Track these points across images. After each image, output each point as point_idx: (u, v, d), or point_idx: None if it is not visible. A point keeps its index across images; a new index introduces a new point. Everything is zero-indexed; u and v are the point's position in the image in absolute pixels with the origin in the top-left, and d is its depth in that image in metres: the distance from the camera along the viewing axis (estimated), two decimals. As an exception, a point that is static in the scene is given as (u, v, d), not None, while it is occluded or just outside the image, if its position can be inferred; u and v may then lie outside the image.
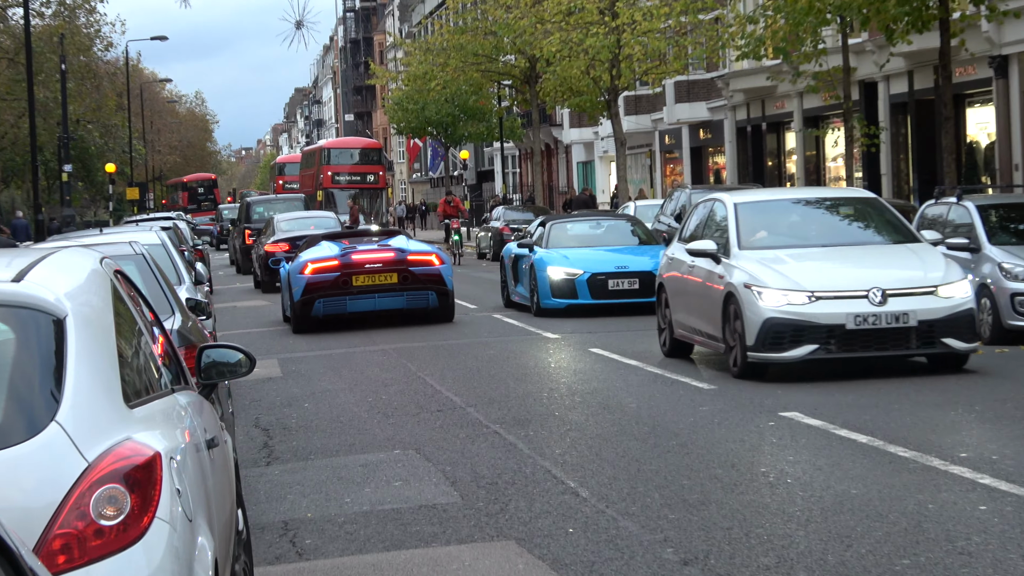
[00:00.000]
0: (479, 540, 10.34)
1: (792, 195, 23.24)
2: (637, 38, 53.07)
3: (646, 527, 10.32)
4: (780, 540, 9.77)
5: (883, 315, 16.63)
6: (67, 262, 6.57)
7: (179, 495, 5.78)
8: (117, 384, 5.90)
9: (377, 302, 30.07)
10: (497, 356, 22.49)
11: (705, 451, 13.46)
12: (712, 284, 18.72)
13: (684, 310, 20.12)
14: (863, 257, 18.74)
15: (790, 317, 16.86)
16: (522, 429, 15.04)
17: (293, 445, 14.97)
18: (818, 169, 52.45)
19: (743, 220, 19.14)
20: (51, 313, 5.90)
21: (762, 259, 18.17)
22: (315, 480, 12.85)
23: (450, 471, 12.94)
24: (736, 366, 17.66)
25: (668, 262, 21.37)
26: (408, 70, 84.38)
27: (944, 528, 9.78)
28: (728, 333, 17.93)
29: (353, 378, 20.64)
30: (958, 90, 36.78)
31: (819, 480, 11.79)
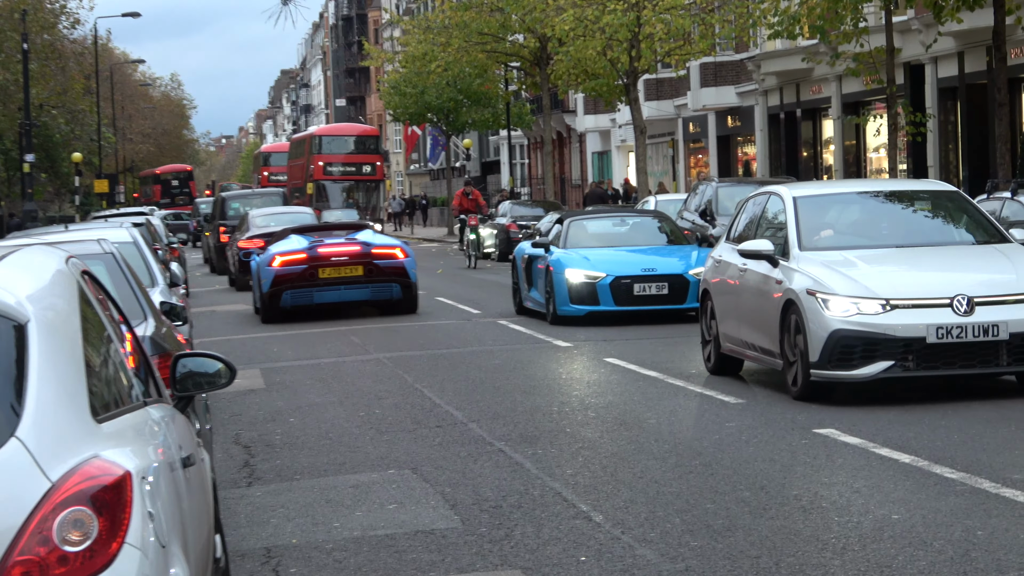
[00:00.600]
0: (481, 569, 10.30)
1: (859, 188, 20.98)
2: (659, 15, 53.13)
3: (666, 555, 10.34)
4: (814, 570, 9.79)
5: (970, 326, 15.15)
6: (29, 262, 6.59)
7: (151, 519, 5.79)
8: (84, 396, 5.92)
9: (343, 293, 34.51)
10: (503, 366, 22.47)
11: (731, 472, 13.44)
12: (768, 291, 17.64)
13: (734, 320, 18.99)
14: (945, 259, 17.43)
15: (861, 329, 15.60)
16: (530, 447, 14.99)
17: (277, 464, 14.94)
18: (858, 161, 52.50)
19: (804, 217, 17.92)
20: (11, 318, 5.92)
21: (827, 262, 16.91)
22: (301, 503, 12.82)
23: (450, 493, 12.90)
24: (796, 386, 16.52)
25: (714, 266, 20.28)
26: (406, 50, 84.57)
27: (995, 557, 9.77)
28: (787, 347, 16.77)
29: (343, 390, 20.63)
30: (1014, 73, 36.88)
31: (857, 504, 11.78)
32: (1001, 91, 32.04)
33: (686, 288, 26.49)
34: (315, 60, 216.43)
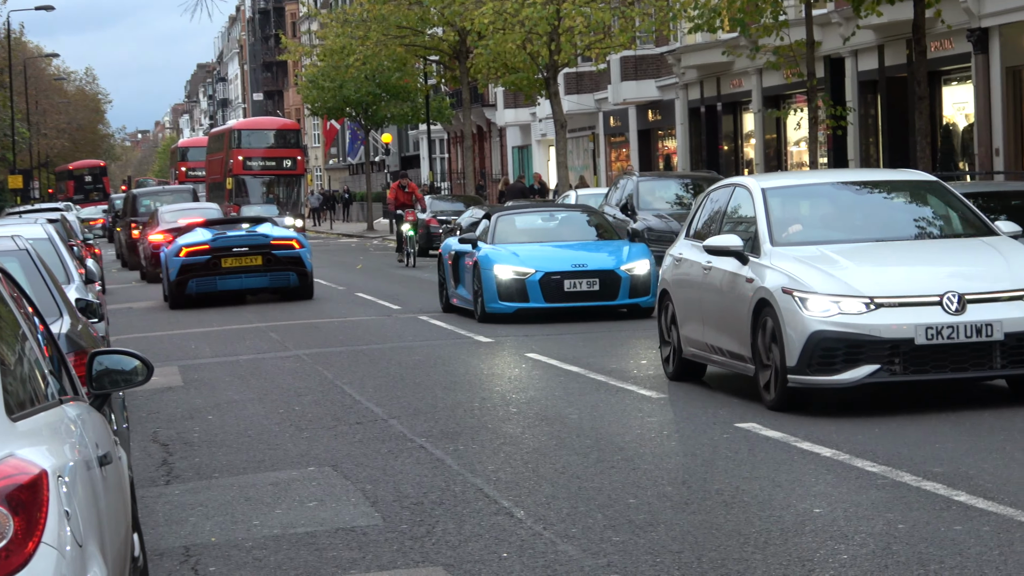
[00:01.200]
0: (403, 567, 10.27)
1: (832, 178, 19.14)
2: (579, 8, 53.21)
3: (588, 551, 10.34)
4: (736, 564, 9.81)
5: (961, 326, 13.73)
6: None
7: (68, 518, 5.77)
8: (-3, 395, 5.89)
9: (244, 281, 38.32)
10: (423, 362, 22.40)
11: (653, 466, 13.47)
12: (737, 290, 16.11)
13: (698, 323, 17.52)
14: (931, 254, 15.82)
15: (844, 330, 14.05)
16: (451, 443, 14.96)
17: (195, 462, 14.85)
18: (779, 154, 52.78)
19: (775, 210, 16.36)
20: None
21: (803, 257, 15.38)
22: (220, 501, 12.75)
23: (371, 490, 12.87)
24: (770, 393, 15.07)
25: (674, 264, 18.79)
26: (324, 44, 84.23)
27: (916, 550, 9.82)
28: (760, 351, 15.27)
29: (262, 387, 20.56)
30: (933, 66, 37.11)
31: (779, 498, 11.83)
32: (921, 84, 32.25)
33: (618, 284, 26.20)
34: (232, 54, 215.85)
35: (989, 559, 9.50)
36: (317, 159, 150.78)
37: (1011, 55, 37.79)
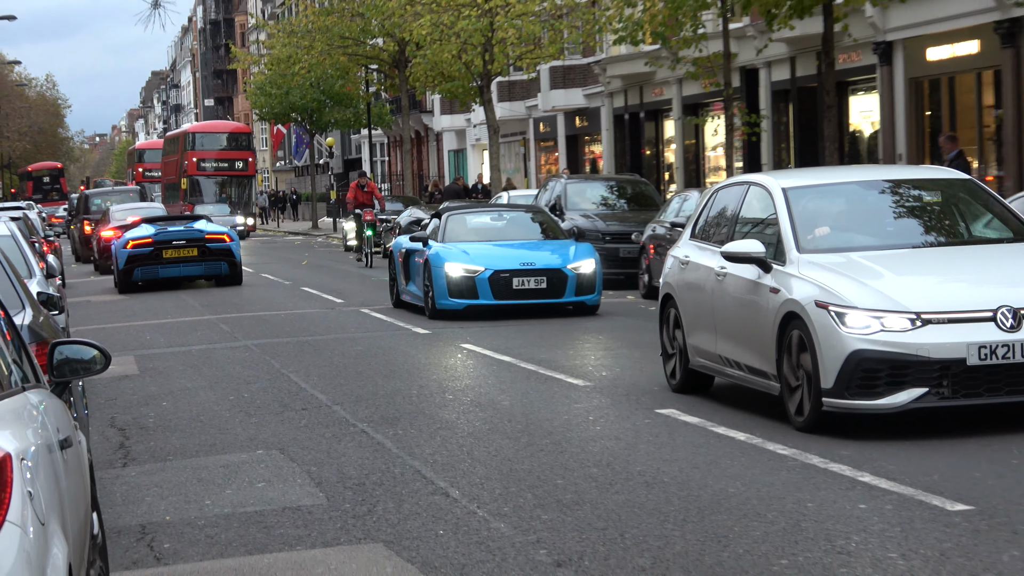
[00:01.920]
0: (346, 543, 10.31)
1: (858, 176, 16.15)
2: (511, 21, 53.18)
3: (519, 528, 10.35)
4: (656, 540, 9.83)
5: (1018, 345, 11.66)
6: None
7: (31, 498, 5.76)
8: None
9: (182, 269, 41.63)
10: (364, 352, 22.37)
11: (579, 450, 13.52)
12: (759, 300, 13.85)
13: (708, 332, 15.19)
14: (978, 263, 13.42)
15: (888, 349, 11.93)
16: (390, 428, 14.98)
17: (151, 445, 14.81)
18: (697, 158, 52.84)
19: (798, 212, 13.94)
20: None
21: (835, 265, 13.11)
22: (174, 482, 12.74)
23: (316, 472, 12.88)
24: (802, 416, 12.99)
25: (679, 267, 16.36)
26: (271, 53, 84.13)
27: (823, 527, 9.88)
28: (788, 368, 13.13)
29: (214, 375, 20.46)
30: (841, 77, 37.22)
31: (696, 479, 11.86)
32: (829, 94, 32.35)
33: (564, 282, 25.65)
34: (184, 62, 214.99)
35: (891, 535, 9.56)
36: (265, 161, 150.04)
37: (913, 67, 37.98)
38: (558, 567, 9.28)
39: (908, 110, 38.28)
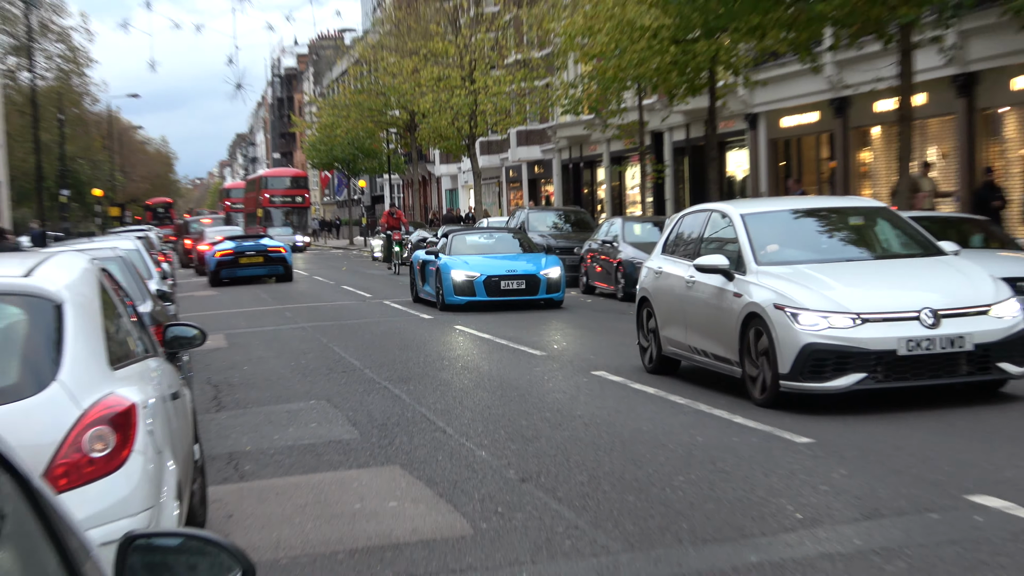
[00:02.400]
0: (373, 465, 10.40)
1: (796, 205, 15.21)
2: (490, 98, 53.21)
3: (495, 455, 10.38)
4: (591, 463, 9.87)
5: (937, 339, 11.05)
6: (65, 262, 6.53)
7: (151, 434, 5.79)
8: (103, 352, 5.90)
9: (252, 270, 43.13)
10: (386, 332, 22.24)
11: (537, 400, 13.50)
12: (724, 303, 12.89)
13: (679, 327, 14.11)
14: (899, 273, 12.56)
15: (834, 343, 11.17)
16: (405, 385, 15.00)
17: (235, 397, 14.82)
18: (620, 195, 52.71)
19: (754, 233, 13.06)
20: (52, 300, 5.87)
21: (788, 276, 12.30)
22: (252, 423, 12.80)
23: (352, 415, 12.93)
24: (763, 394, 12.04)
25: (654, 276, 15.14)
26: (320, 121, 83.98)
27: (708, 454, 9.95)
28: (748, 357, 12.29)
29: (279, 348, 20.41)
30: (721, 138, 37.19)
31: (619, 420, 11.88)
32: (712, 150, 32.39)
33: (538, 284, 25.31)
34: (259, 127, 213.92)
35: (756, 459, 9.64)
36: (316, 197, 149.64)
37: (772, 131, 38.04)
38: (522, 482, 9.31)
39: (768, 162, 38.35)
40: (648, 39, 29.68)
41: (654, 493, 8.79)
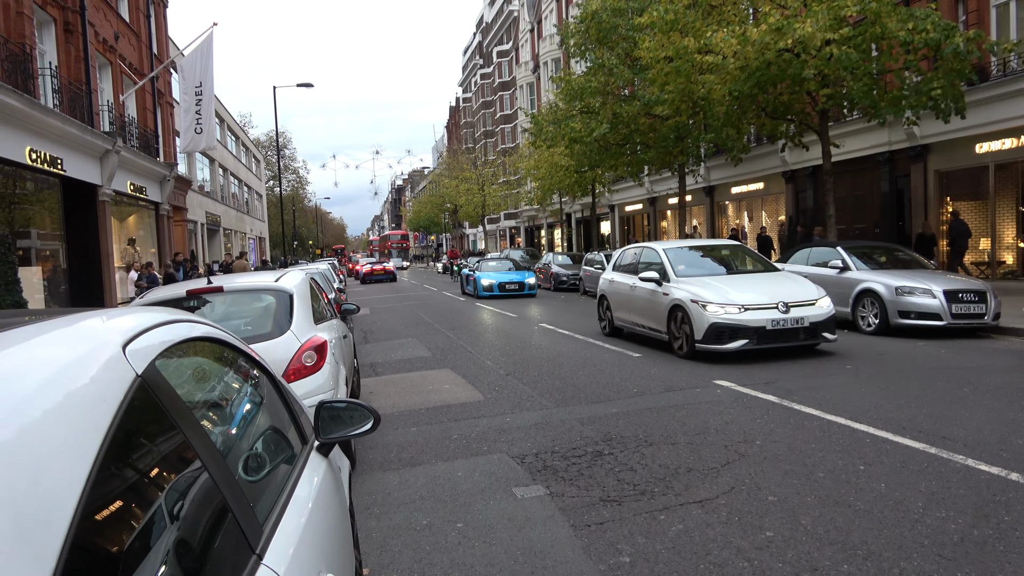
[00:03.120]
0: (436, 368, 10.09)
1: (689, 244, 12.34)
2: (491, 199, 53.08)
3: (494, 363, 10.23)
4: (541, 367, 9.72)
5: (788, 320, 9.50)
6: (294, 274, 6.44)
7: (333, 355, 5.69)
8: (311, 316, 5.80)
9: (379, 278, 41.56)
10: (444, 306, 21.79)
11: (515, 338, 13.08)
12: (657, 298, 10.81)
13: (626, 311, 12.01)
14: (760, 282, 10.46)
15: (728, 322, 9.58)
16: (454, 331, 14.62)
17: (374, 337, 14.49)
18: (551, 243, 52.47)
19: (671, 258, 11.21)
20: (288, 292, 5.78)
21: (695, 283, 10.41)
22: (382, 349, 12.48)
23: (427, 344, 12.62)
24: (683, 351, 10.03)
25: (610, 282, 12.74)
26: (413, 210, 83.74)
27: (635, 382, 9.57)
28: (673, 329, 10.35)
29: (395, 313, 20.02)
30: (597, 216, 37.07)
31: (553, 347, 11.58)
32: (595, 223, 32.25)
33: (524, 286, 23.39)
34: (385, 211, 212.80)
35: (615, 364, 9.43)
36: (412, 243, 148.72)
37: (621, 212, 37.91)
38: (507, 375, 9.16)
39: (620, 230, 38.18)
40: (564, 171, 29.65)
41: (569, 381, 8.73)
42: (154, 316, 1.65)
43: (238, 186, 46.45)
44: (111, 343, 1.36)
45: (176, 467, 1.38)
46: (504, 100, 63.83)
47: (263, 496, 1.74)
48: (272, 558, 1.50)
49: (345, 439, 2.50)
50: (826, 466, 4.92)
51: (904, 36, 13.74)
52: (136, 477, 1.25)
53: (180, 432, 1.40)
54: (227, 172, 42.32)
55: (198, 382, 1.80)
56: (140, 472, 1.27)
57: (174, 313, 1.79)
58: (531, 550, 3.91)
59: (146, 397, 1.32)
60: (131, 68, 21.87)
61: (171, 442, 1.38)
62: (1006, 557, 3.50)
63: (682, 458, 5.28)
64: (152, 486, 1.29)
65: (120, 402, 1.23)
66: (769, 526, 4.01)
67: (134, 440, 1.28)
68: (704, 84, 16.29)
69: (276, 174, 62.82)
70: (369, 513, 4.61)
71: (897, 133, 19.23)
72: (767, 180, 25.45)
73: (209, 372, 1.92)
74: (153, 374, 1.39)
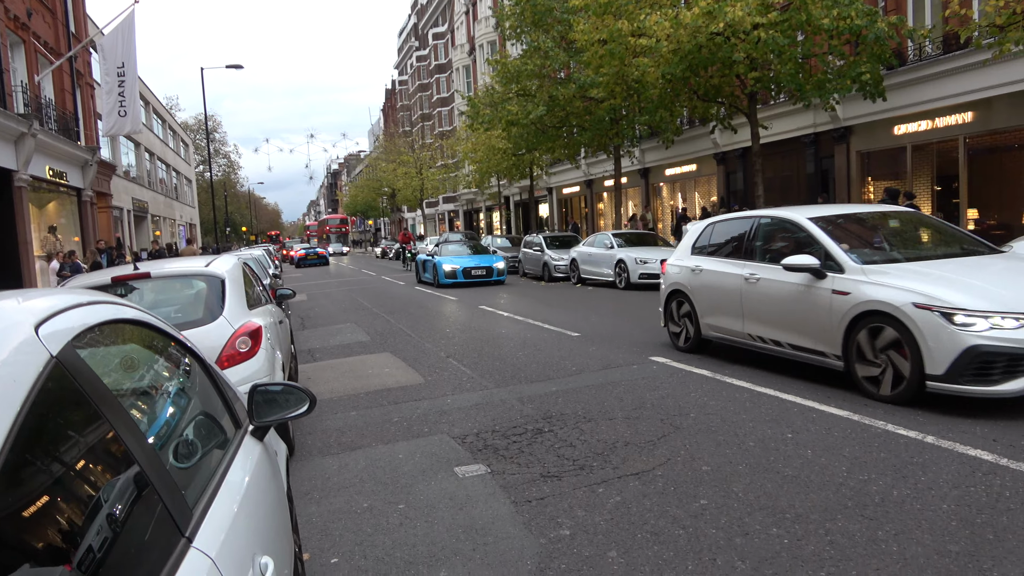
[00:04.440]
0: (376, 352, 9.97)
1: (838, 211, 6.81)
2: (429, 182, 52.70)
3: (435, 345, 10.16)
4: (482, 348, 9.73)
5: None
6: (226, 258, 6.26)
7: (269, 340, 5.57)
8: (244, 302, 5.65)
9: (312, 263, 42.32)
10: (383, 290, 21.54)
11: (454, 320, 12.96)
12: (818, 300, 6.04)
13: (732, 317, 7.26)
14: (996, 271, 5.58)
15: (1007, 344, 4.80)
16: (393, 316, 14.46)
17: (311, 323, 14.21)
18: (490, 225, 52.43)
19: (830, 236, 6.36)
20: (220, 277, 5.62)
21: (904, 273, 5.64)
22: (320, 334, 12.27)
23: (367, 329, 12.44)
24: (890, 392, 5.44)
25: (692, 272, 7.94)
26: (349, 194, 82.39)
27: (535, 343, 9.58)
28: (865, 352, 5.65)
29: (331, 298, 19.71)
30: (536, 199, 37.21)
31: (487, 327, 11.48)
32: (533, 205, 32.34)
33: (492, 271, 20.33)
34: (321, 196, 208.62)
35: (554, 344, 9.48)
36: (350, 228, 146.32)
37: (559, 195, 38.12)
38: (448, 357, 9.15)
39: (559, 212, 38.38)
40: (501, 154, 29.59)
41: (509, 361, 8.76)
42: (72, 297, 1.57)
43: (166, 171, 44.72)
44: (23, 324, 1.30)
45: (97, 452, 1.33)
46: (441, 83, 63.16)
47: (194, 481, 1.69)
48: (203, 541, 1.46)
49: (280, 422, 2.45)
50: (756, 435, 5.03)
51: (828, 24, 14.16)
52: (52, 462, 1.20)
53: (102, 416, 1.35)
54: (154, 157, 40.69)
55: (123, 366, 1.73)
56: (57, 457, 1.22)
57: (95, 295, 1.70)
58: (473, 527, 3.92)
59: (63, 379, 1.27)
60: (46, 47, 20.67)
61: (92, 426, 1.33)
62: (922, 515, 3.65)
63: (620, 433, 5.33)
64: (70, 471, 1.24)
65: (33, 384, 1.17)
66: (703, 495, 4.09)
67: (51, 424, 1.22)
68: (638, 67, 16.47)
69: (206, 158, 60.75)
70: (309, 498, 4.55)
71: (822, 116, 19.86)
72: (699, 162, 25.96)
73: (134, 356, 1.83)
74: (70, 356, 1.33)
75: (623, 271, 16.65)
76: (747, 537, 3.57)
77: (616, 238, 17.88)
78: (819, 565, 3.26)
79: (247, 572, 1.55)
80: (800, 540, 3.49)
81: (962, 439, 4.70)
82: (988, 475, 4.10)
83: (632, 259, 16.48)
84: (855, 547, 3.40)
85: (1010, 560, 3.18)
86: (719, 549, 3.49)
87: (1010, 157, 16.20)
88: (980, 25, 11.29)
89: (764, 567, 3.29)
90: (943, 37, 16.21)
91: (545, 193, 39.47)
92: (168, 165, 45.40)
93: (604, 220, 33.37)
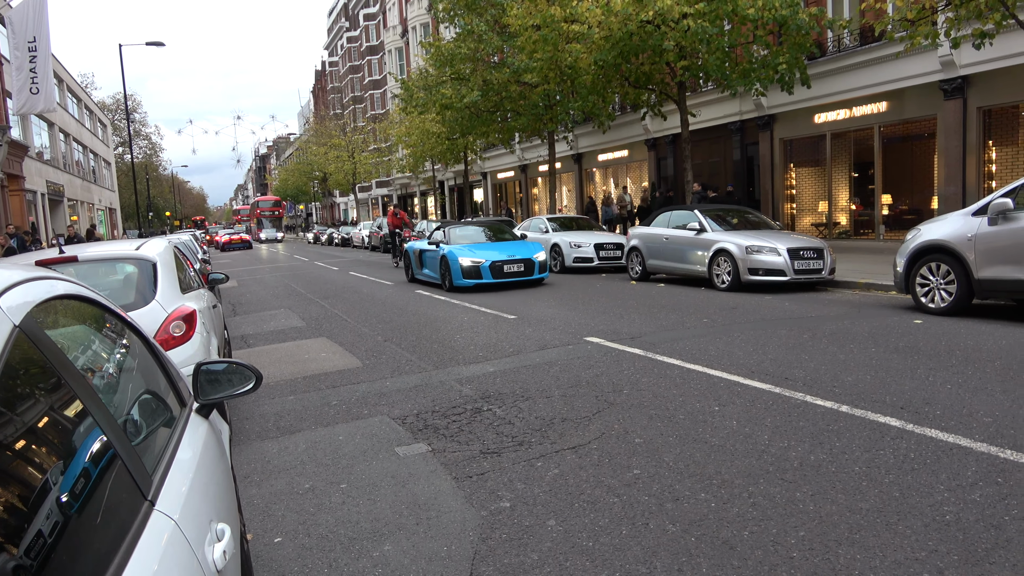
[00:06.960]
0: (312, 337, 9.86)
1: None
2: (362, 166, 51.85)
3: (371, 330, 10.07)
4: (419, 332, 9.66)
5: None
6: (156, 242, 6.11)
7: (203, 324, 5.49)
8: (177, 285, 5.55)
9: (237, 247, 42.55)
10: (314, 275, 21.09)
11: (390, 305, 12.76)
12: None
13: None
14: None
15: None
16: (327, 301, 14.20)
17: (243, 309, 13.88)
18: (424, 213, 52.12)
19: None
20: (151, 260, 5.50)
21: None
22: (253, 320, 12.01)
23: (302, 316, 12.23)
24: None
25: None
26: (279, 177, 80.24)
27: (472, 326, 9.53)
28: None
29: (264, 283, 19.22)
30: (470, 184, 37.07)
31: (422, 310, 11.42)
32: (468, 190, 32.17)
33: (534, 266, 14.00)
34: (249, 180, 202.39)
35: (490, 326, 9.47)
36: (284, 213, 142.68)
37: (494, 180, 38.12)
38: (385, 341, 9.08)
39: (493, 197, 38.42)
40: (435, 138, 29.40)
41: (447, 344, 8.77)
42: (22, 272, 1.61)
43: (83, 153, 42.59)
44: None
45: (63, 418, 1.38)
46: (372, 65, 62.05)
47: (147, 454, 1.75)
48: (165, 504, 1.53)
49: (228, 399, 2.47)
50: (686, 409, 5.27)
51: (753, 14, 14.61)
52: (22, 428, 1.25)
53: (65, 384, 1.40)
54: (69, 138, 38.69)
55: (77, 339, 1.77)
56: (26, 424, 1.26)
57: (43, 271, 1.72)
58: (415, 503, 4.01)
59: (27, 348, 1.32)
60: (-53, 19, 19.49)
61: (57, 393, 1.38)
62: (837, 477, 3.93)
63: (556, 410, 5.48)
64: (38, 437, 1.29)
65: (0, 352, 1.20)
66: (636, 465, 4.28)
67: (19, 390, 1.28)
68: (571, 53, 16.64)
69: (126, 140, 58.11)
70: (249, 481, 4.54)
71: (747, 103, 20.51)
72: (631, 148, 26.43)
73: (83, 331, 1.87)
74: (31, 326, 1.38)
75: (558, 255, 16.78)
76: (677, 502, 3.77)
77: (551, 222, 17.99)
78: (743, 525, 3.48)
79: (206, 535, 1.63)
80: (726, 503, 3.71)
81: (873, 408, 5.07)
82: (896, 439, 4.40)
83: (567, 243, 16.64)
84: (776, 507, 3.63)
85: (913, 515, 3.48)
86: (651, 514, 3.67)
87: (920, 146, 17.15)
88: (893, 19, 11.87)
89: (693, 529, 3.49)
90: (860, 29, 16.95)
91: (480, 178, 39.45)
92: (85, 147, 43.26)
93: (538, 205, 33.62)
